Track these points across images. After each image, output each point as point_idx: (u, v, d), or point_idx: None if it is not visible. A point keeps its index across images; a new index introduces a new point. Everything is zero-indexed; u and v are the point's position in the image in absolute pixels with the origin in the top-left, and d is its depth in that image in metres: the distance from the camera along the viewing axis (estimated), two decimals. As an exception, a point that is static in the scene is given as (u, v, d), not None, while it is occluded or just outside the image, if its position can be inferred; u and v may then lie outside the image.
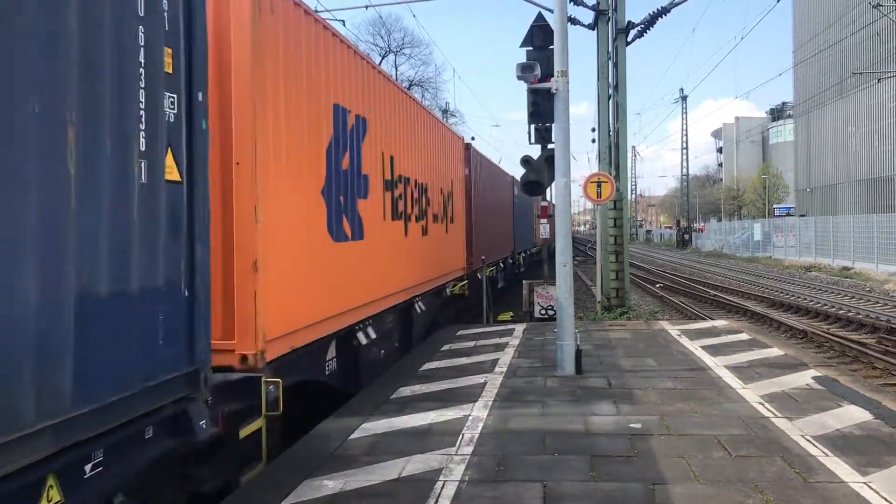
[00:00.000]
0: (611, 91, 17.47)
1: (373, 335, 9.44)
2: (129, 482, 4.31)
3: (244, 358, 5.92)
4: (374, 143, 9.74)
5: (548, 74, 10.00)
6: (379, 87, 10.16)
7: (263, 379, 6.00)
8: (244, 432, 5.77)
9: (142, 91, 4.11)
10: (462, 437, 6.63)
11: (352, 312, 8.65)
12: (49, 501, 3.47)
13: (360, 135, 9.08)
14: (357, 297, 8.81)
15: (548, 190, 14.82)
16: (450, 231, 15.34)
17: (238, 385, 5.78)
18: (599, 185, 14.70)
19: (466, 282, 16.75)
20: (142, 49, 4.11)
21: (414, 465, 5.89)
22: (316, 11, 7.63)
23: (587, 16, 17.58)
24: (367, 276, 9.20)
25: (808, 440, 6.29)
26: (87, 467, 3.75)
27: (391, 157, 10.71)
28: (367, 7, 37.23)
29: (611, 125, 17.58)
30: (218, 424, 5.27)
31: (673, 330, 13.22)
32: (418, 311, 12.50)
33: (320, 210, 7.74)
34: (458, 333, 13.32)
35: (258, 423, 6.00)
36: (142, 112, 4.10)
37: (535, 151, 12.04)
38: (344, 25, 54.91)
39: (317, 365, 7.83)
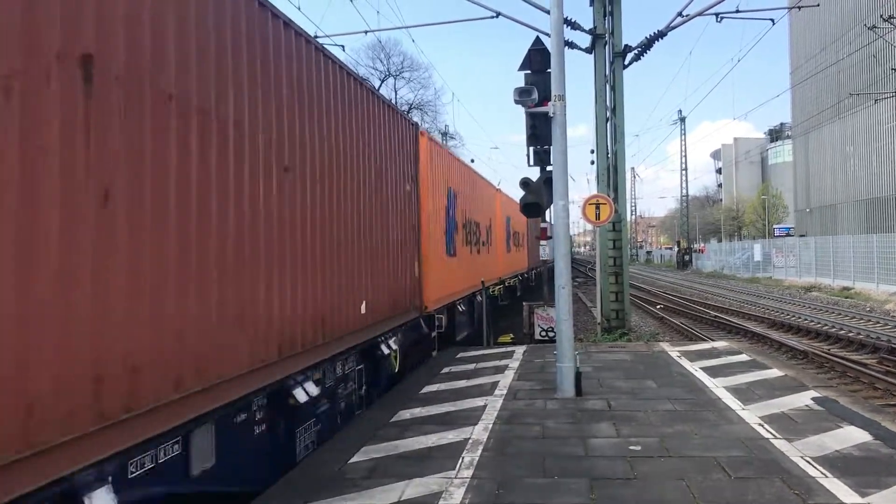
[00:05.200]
0: (608, 114, 17.61)
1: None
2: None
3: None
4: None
5: (545, 97, 10.09)
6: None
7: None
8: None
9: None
10: (462, 461, 6.63)
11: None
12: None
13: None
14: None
15: (547, 211, 14.91)
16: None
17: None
18: (598, 207, 14.77)
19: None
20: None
21: (414, 488, 5.90)
22: (316, 37, 7.91)
23: (584, 40, 17.79)
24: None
25: (807, 461, 6.29)
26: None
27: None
28: (366, 32, 37.57)
29: (609, 147, 17.69)
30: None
31: (673, 351, 13.23)
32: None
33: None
34: (459, 356, 13.33)
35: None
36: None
37: (535, 174, 12.15)
38: (343, 50, 55.36)
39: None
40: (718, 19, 17.45)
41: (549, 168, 11.00)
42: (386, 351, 9.95)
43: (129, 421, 4.08)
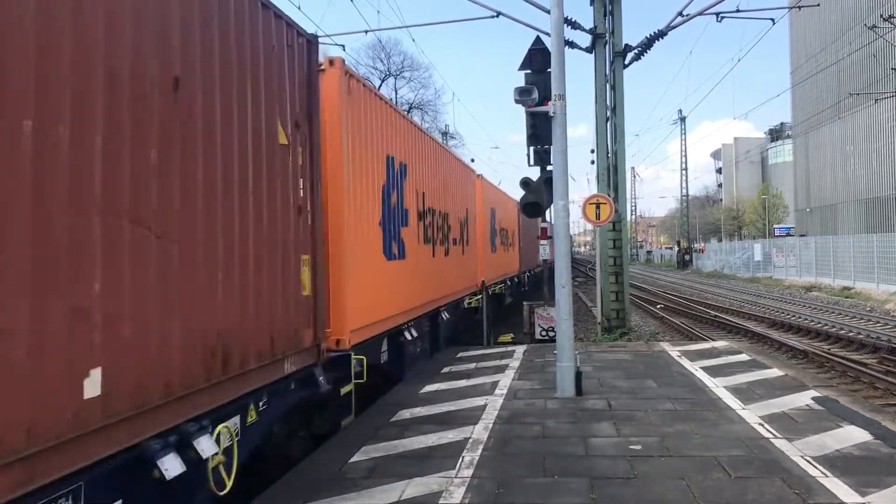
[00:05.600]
0: (608, 113, 17.60)
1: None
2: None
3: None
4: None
5: (546, 97, 10.09)
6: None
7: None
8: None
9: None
10: (462, 460, 6.63)
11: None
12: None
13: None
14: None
15: (547, 211, 14.92)
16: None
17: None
18: (598, 207, 14.77)
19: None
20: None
21: (414, 488, 5.89)
22: (316, 36, 7.66)
23: (584, 39, 17.79)
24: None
25: (807, 461, 6.29)
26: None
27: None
28: (366, 32, 37.65)
29: (609, 147, 17.68)
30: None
31: (673, 351, 13.23)
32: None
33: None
34: (459, 355, 13.32)
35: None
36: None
37: (535, 173, 12.15)
38: (344, 50, 55.44)
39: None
40: (719, 19, 17.46)
41: (549, 168, 11.01)
42: (176, 469, 4.39)
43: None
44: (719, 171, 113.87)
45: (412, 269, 11.58)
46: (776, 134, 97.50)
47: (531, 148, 11.33)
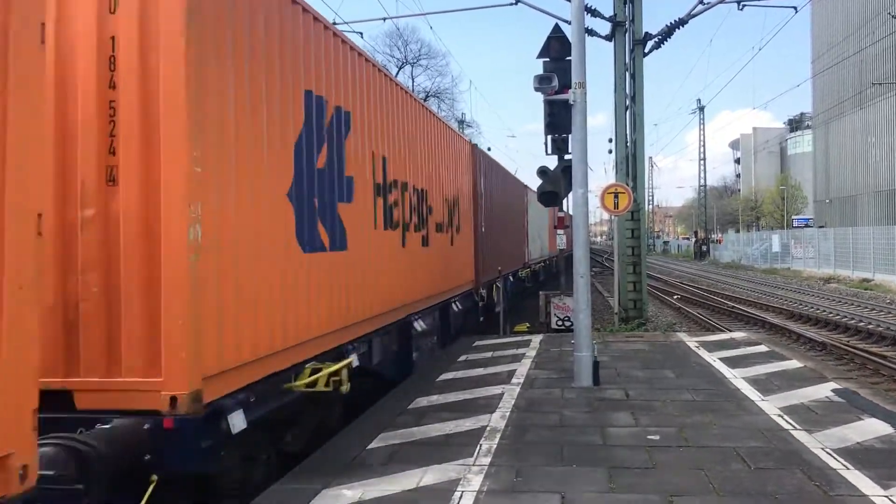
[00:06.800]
0: (628, 102, 17.48)
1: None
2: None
3: None
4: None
5: (565, 85, 10.03)
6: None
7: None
8: None
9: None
10: (480, 448, 6.64)
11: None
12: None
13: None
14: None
15: (564, 200, 14.86)
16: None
17: None
18: (616, 196, 14.64)
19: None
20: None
21: (432, 475, 5.91)
22: (335, 23, 7.51)
23: (604, 27, 17.62)
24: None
25: (828, 453, 6.24)
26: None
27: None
28: (384, 19, 37.51)
29: (628, 136, 17.57)
30: None
31: (691, 342, 13.16)
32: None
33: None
34: (475, 344, 13.33)
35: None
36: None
37: (552, 162, 12.09)
38: (362, 37, 55.30)
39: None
40: (740, 6, 17.28)
41: (567, 157, 10.96)
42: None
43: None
44: (738, 161, 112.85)
45: None
46: (796, 124, 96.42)
47: (549, 136, 11.27)
